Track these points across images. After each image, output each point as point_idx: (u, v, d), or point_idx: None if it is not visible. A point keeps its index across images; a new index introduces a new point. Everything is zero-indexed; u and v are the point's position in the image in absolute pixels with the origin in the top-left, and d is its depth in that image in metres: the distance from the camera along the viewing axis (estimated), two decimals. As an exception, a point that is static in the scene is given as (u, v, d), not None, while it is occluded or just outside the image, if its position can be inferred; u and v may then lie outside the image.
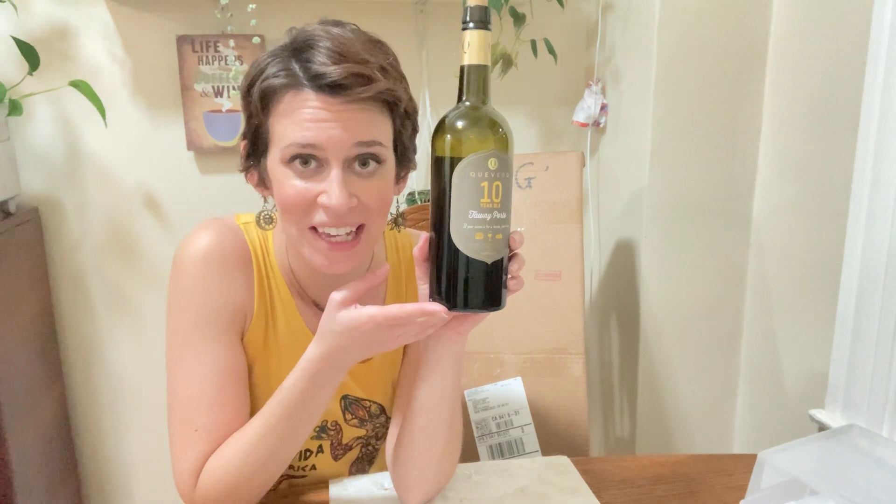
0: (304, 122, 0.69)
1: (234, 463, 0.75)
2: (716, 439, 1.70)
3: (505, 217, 0.67)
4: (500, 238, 0.67)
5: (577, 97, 1.74)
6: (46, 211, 1.60)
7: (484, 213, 0.65)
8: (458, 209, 0.66)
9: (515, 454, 1.37)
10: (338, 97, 0.69)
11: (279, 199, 0.74)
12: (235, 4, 1.50)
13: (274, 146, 0.73)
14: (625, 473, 0.94)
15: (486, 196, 0.65)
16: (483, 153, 0.66)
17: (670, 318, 1.62)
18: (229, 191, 1.67)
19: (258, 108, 0.73)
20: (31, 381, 1.48)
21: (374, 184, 0.73)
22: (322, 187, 0.71)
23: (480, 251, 0.66)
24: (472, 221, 0.66)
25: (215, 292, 0.78)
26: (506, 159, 0.67)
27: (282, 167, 0.72)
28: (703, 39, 1.49)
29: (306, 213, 0.72)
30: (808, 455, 0.83)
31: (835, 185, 1.33)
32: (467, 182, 0.65)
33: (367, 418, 0.94)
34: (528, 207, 1.43)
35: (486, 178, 0.65)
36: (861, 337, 1.20)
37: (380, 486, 0.89)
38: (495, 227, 0.66)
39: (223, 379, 0.77)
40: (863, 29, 1.20)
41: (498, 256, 0.67)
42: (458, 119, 0.68)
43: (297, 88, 0.70)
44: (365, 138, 0.71)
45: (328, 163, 0.70)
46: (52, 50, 1.53)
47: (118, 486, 1.76)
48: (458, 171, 0.66)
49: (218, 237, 0.80)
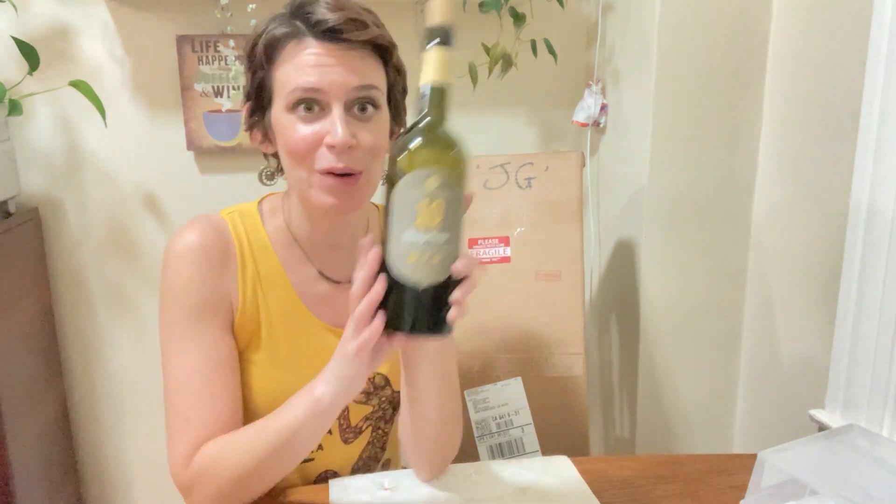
0: (307, 67, 0.75)
1: (227, 468, 0.76)
2: (716, 439, 1.70)
3: (447, 238, 0.64)
4: (438, 261, 0.64)
5: (577, 97, 1.74)
6: (46, 211, 1.60)
7: (419, 234, 0.63)
8: (393, 229, 0.64)
9: (515, 454, 1.37)
10: (337, 42, 0.76)
11: (286, 146, 0.78)
12: (235, 4, 1.50)
13: (278, 96, 0.78)
14: (625, 473, 0.94)
15: (423, 217, 0.63)
16: (421, 171, 0.63)
17: (670, 318, 1.62)
18: (229, 191, 1.67)
19: (262, 61, 0.79)
20: (31, 380, 1.48)
21: (371, 127, 0.79)
22: (326, 128, 0.76)
23: (413, 274, 0.64)
24: (405, 243, 0.64)
25: (198, 286, 0.81)
26: (450, 179, 0.64)
27: (286, 114, 0.77)
28: (703, 39, 1.48)
29: (311, 152, 0.77)
30: (808, 455, 0.83)
31: (835, 185, 1.33)
32: (403, 201, 0.64)
33: (372, 391, 0.94)
34: (528, 207, 1.43)
35: (423, 198, 0.63)
36: (861, 337, 1.20)
37: (380, 486, 0.89)
38: (432, 249, 0.63)
39: (210, 370, 0.80)
40: (863, 29, 1.20)
41: (435, 280, 0.64)
42: (404, 138, 0.67)
43: (298, 38, 0.77)
44: (363, 82, 0.77)
45: (330, 106, 0.76)
46: (52, 50, 1.53)
47: (118, 485, 1.76)
48: (397, 189, 0.64)
49: (200, 233, 0.83)
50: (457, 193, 0.65)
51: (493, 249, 1.43)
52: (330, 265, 0.91)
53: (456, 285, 0.66)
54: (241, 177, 1.68)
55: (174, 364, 0.80)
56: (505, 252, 1.43)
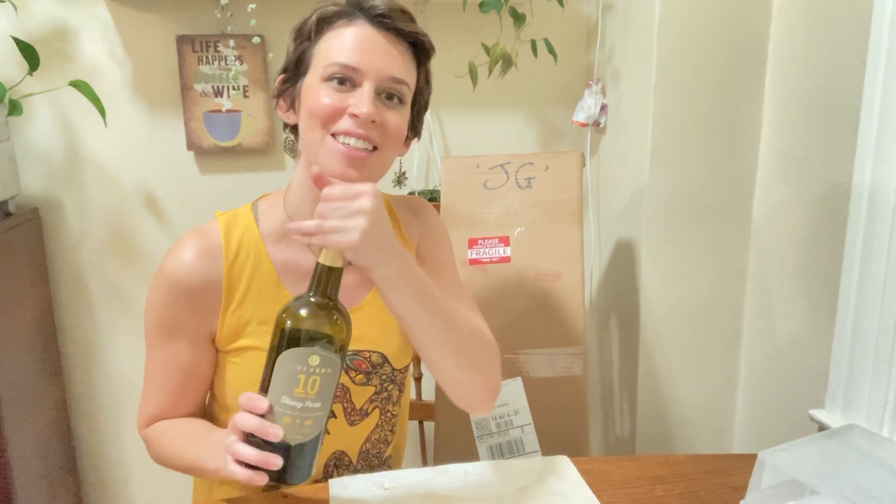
0: (351, 46, 0.80)
1: (159, 451, 0.93)
2: (716, 439, 1.70)
3: (319, 406, 0.71)
4: (310, 424, 0.71)
5: (577, 97, 1.74)
6: (46, 211, 1.60)
7: (296, 400, 0.70)
8: (274, 388, 0.71)
9: (515, 454, 1.37)
10: (383, 28, 0.81)
11: (310, 108, 0.81)
12: (235, 4, 1.50)
13: (315, 65, 0.82)
14: (625, 473, 0.94)
15: (301, 387, 0.70)
16: (306, 349, 0.70)
17: (670, 318, 1.62)
18: (229, 191, 1.67)
19: (311, 33, 0.83)
20: (31, 380, 1.48)
21: (394, 114, 0.83)
22: (352, 100, 0.80)
23: (286, 433, 0.70)
24: (282, 405, 0.70)
25: (167, 313, 0.89)
26: (331, 357, 0.71)
27: (319, 82, 0.81)
28: (703, 39, 1.48)
29: (333, 119, 0.80)
30: (808, 455, 0.83)
31: (835, 185, 1.33)
32: (286, 369, 0.70)
33: (371, 370, 0.95)
34: (528, 207, 1.43)
35: (303, 372, 0.70)
36: (861, 337, 1.20)
37: (380, 485, 0.89)
38: (305, 414, 0.70)
39: (171, 373, 0.92)
40: (863, 29, 1.20)
41: (303, 440, 0.71)
42: (300, 307, 0.72)
43: (349, 17, 0.82)
44: (398, 75, 0.82)
45: (362, 83, 0.80)
46: (52, 50, 1.53)
47: (118, 485, 1.76)
48: (282, 355, 0.70)
49: (183, 265, 0.88)
50: (335, 368, 0.72)
51: (493, 249, 1.43)
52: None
53: (317, 442, 0.72)
54: (241, 177, 1.68)
55: (148, 356, 0.93)
56: (505, 252, 1.43)
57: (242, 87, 1.61)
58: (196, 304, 0.88)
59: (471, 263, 1.42)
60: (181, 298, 0.88)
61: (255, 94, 1.62)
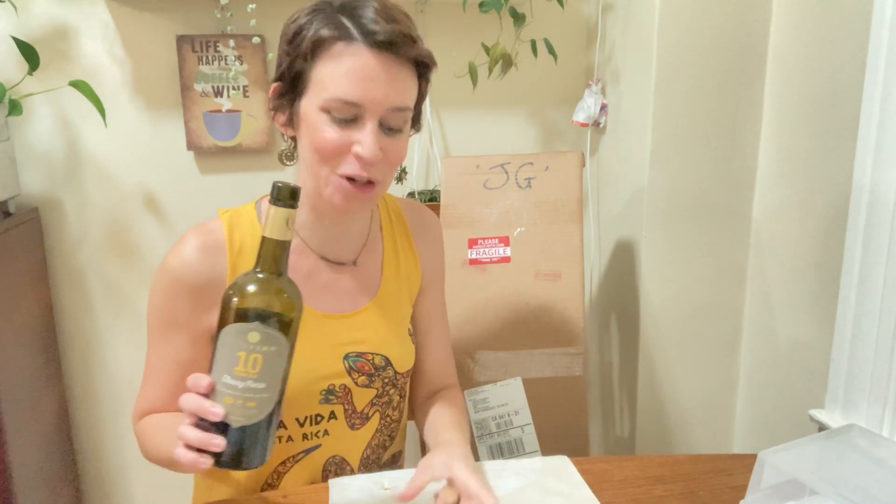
0: (352, 78, 0.77)
1: (142, 445, 0.92)
2: (716, 439, 1.70)
3: (263, 388, 0.68)
4: (253, 406, 0.68)
5: (577, 97, 1.74)
6: (46, 211, 1.60)
7: (237, 380, 0.67)
8: (216, 367, 0.68)
9: (515, 454, 1.37)
10: (386, 54, 0.77)
11: (314, 143, 0.81)
12: (235, 4, 1.50)
13: (314, 92, 0.80)
14: (625, 473, 0.94)
15: (242, 365, 0.67)
16: (246, 325, 0.67)
17: (670, 318, 1.62)
18: (229, 191, 1.67)
19: (307, 54, 0.79)
20: (31, 380, 1.48)
21: (396, 141, 0.82)
22: (356, 138, 0.79)
23: (227, 413, 0.67)
24: (224, 384, 0.67)
25: (170, 309, 0.89)
26: (273, 335, 0.68)
27: (318, 112, 0.79)
28: (703, 39, 1.48)
29: (337, 160, 0.80)
30: (808, 455, 0.83)
31: (835, 185, 1.33)
32: (226, 346, 0.68)
33: (374, 372, 0.95)
34: (528, 207, 1.43)
35: (244, 349, 0.67)
36: (861, 337, 1.20)
37: (380, 485, 0.89)
38: (248, 395, 0.67)
39: (169, 369, 0.91)
40: (863, 29, 1.20)
41: (247, 423, 0.68)
42: (244, 283, 0.70)
43: (348, 40, 0.77)
44: (400, 104, 0.80)
45: (364, 118, 0.79)
46: (52, 50, 1.53)
47: (118, 485, 1.76)
48: (223, 332, 0.68)
49: (186, 261, 0.87)
50: (280, 347, 0.69)
51: (492, 249, 1.43)
52: (332, 249, 0.93)
53: (267, 427, 0.69)
54: (241, 177, 1.68)
55: (148, 351, 0.93)
56: (505, 252, 1.43)
57: (242, 87, 1.61)
58: (197, 300, 0.88)
59: (471, 263, 1.42)
60: (182, 294, 0.88)
61: (255, 94, 1.62)
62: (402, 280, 0.99)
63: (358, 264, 0.95)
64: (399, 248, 1.00)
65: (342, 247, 0.94)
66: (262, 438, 0.69)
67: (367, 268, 0.96)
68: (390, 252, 0.99)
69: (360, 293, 0.95)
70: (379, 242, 0.98)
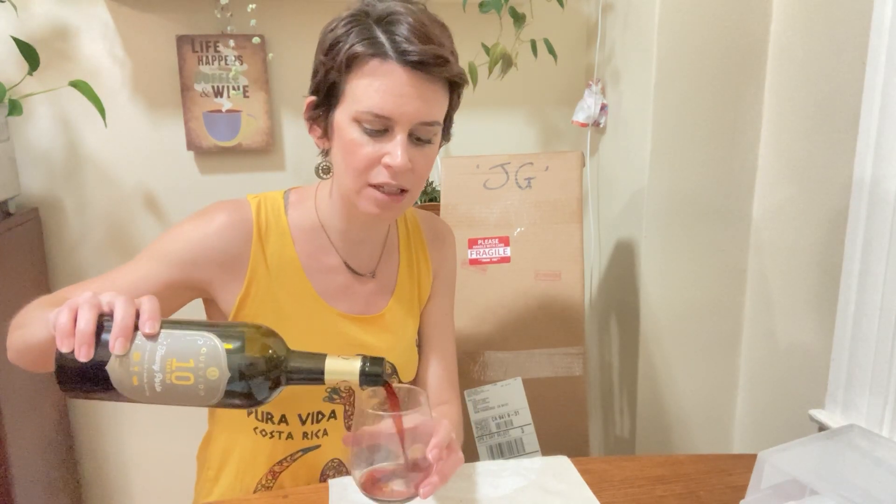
0: (385, 93, 0.79)
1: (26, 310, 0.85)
2: (716, 439, 1.70)
3: (157, 386, 0.63)
4: (133, 381, 0.62)
5: (577, 97, 1.74)
6: (46, 211, 1.60)
7: (157, 364, 0.62)
8: (171, 333, 0.64)
9: (515, 454, 1.37)
10: (418, 73, 0.79)
11: (345, 154, 0.83)
12: (235, 4, 1.50)
13: (347, 103, 0.82)
14: (625, 473, 0.94)
15: (178, 364, 0.63)
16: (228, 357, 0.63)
17: (670, 318, 1.62)
18: (229, 191, 1.67)
19: (342, 67, 0.81)
20: (31, 381, 1.48)
21: (425, 154, 0.84)
22: (386, 149, 0.81)
23: (120, 359, 0.62)
24: (151, 346, 0.63)
25: (184, 253, 0.85)
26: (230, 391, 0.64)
27: (350, 122, 0.81)
28: (703, 39, 1.49)
29: (369, 171, 0.82)
30: (808, 455, 0.83)
31: (835, 185, 1.33)
32: (195, 343, 0.63)
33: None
34: (528, 207, 1.43)
35: (197, 364, 0.63)
36: (861, 337, 1.20)
37: (380, 486, 0.89)
38: (145, 375, 0.62)
39: (127, 284, 0.84)
40: (863, 29, 1.20)
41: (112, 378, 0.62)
42: (275, 348, 0.67)
43: (382, 58, 0.79)
44: (429, 119, 0.82)
45: (394, 130, 0.81)
46: (52, 50, 1.53)
47: (118, 485, 1.76)
48: (215, 332, 0.64)
49: (220, 229, 0.87)
50: (212, 399, 0.64)
51: (493, 249, 1.43)
52: (355, 257, 0.95)
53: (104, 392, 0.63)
54: (241, 177, 1.68)
55: (122, 266, 0.86)
56: (505, 252, 1.43)
57: (242, 87, 1.61)
58: (222, 267, 0.87)
59: (471, 263, 1.42)
60: (202, 253, 0.86)
61: (255, 94, 1.62)
62: (415, 291, 1.01)
63: (376, 275, 0.97)
64: (414, 258, 1.02)
65: (364, 254, 0.96)
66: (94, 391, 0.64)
67: (384, 277, 0.98)
68: (405, 262, 1.01)
69: (374, 300, 0.97)
70: (396, 252, 1.00)
